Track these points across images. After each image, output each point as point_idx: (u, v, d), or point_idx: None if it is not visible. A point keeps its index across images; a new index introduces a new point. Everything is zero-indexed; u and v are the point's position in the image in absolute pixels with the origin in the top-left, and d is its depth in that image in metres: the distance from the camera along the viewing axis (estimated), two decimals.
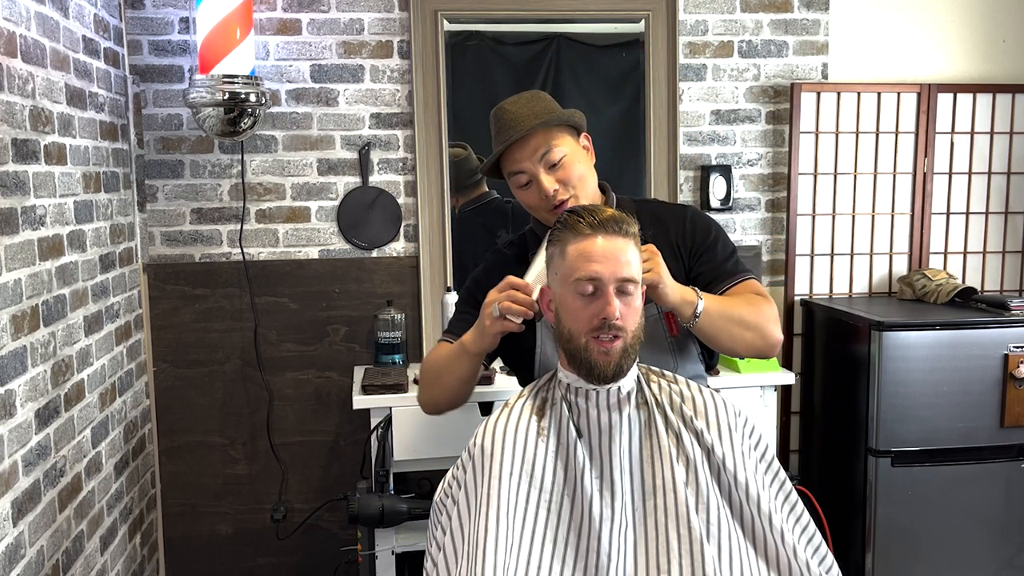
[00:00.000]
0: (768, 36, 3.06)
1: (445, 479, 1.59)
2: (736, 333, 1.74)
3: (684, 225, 1.88)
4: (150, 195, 2.85)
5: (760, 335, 1.76)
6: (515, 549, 1.40)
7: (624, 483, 1.47)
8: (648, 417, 1.53)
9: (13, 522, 1.80)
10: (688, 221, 1.89)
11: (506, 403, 1.60)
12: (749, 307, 1.77)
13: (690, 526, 1.42)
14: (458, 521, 1.49)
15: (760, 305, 1.78)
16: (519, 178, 1.81)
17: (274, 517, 2.85)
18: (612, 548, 1.41)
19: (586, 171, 1.83)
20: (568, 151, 1.80)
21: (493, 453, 1.48)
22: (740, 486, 1.48)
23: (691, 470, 1.48)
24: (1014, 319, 2.73)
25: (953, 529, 2.76)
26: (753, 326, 1.75)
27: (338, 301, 2.96)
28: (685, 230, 1.87)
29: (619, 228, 1.50)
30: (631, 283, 1.48)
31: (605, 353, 1.47)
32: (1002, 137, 3.16)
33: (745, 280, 1.85)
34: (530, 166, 1.79)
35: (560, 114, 1.81)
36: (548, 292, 1.57)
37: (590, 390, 1.53)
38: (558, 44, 3.00)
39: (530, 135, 1.77)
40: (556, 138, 1.79)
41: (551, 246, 1.56)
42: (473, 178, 2.96)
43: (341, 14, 2.87)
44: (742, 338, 1.75)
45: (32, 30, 1.96)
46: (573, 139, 1.83)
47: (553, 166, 1.78)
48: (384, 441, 2.54)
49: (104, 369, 2.41)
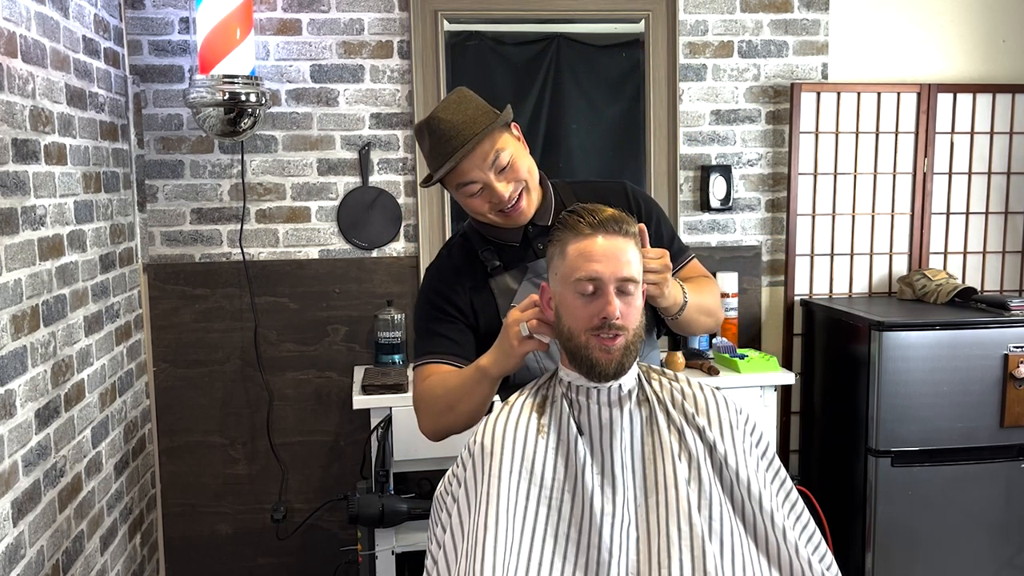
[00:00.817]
0: (768, 36, 3.06)
1: (446, 476, 1.59)
2: (701, 322, 1.81)
3: (627, 202, 1.85)
4: (150, 195, 2.85)
5: (716, 320, 1.86)
6: (515, 546, 1.40)
7: (625, 479, 1.47)
8: (649, 414, 1.53)
9: (13, 522, 1.80)
10: (630, 198, 1.87)
11: (506, 401, 1.59)
12: (708, 294, 1.83)
13: (692, 523, 1.42)
14: (458, 518, 1.48)
15: (713, 289, 1.87)
16: (470, 188, 1.74)
17: (274, 517, 2.85)
18: (613, 545, 1.41)
19: (530, 162, 1.79)
20: (512, 149, 1.74)
21: (493, 450, 1.48)
22: (742, 483, 1.48)
23: (693, 467, 1.48)
24: (1014, 319, 2.73)
25: (953, 529, 2.76)
26: (712, 311, 1.83)
27: (338, 301, 2.96)
28: (629, 207, 1.83)
29: (619, 228, 1.50)
30: (631, 283, 1.48)
31: (606, 351, 1.47)
32: (1002, 137, 3.16)
33: (691, 260, 1.92)
34: (481, 175, 1.72)
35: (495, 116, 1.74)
36: (548, 290, 1.57)
37: (591, 388, 1.52)
38: (558, 44, 3.00)
39: (475, 144, 1.70)
40: (499, 141, 1.73)
41: (551, 246, 1.56)
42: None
43: (341, 14, 2.87)
44: (704, 325, 1.82)
45: (32, 30, 1.96)
46: (509, 134, 1.77)
47: (503, 169, 1.73)
48: (384, 441, 2.54)
49: (104, 369, 2.42)
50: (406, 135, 2.93)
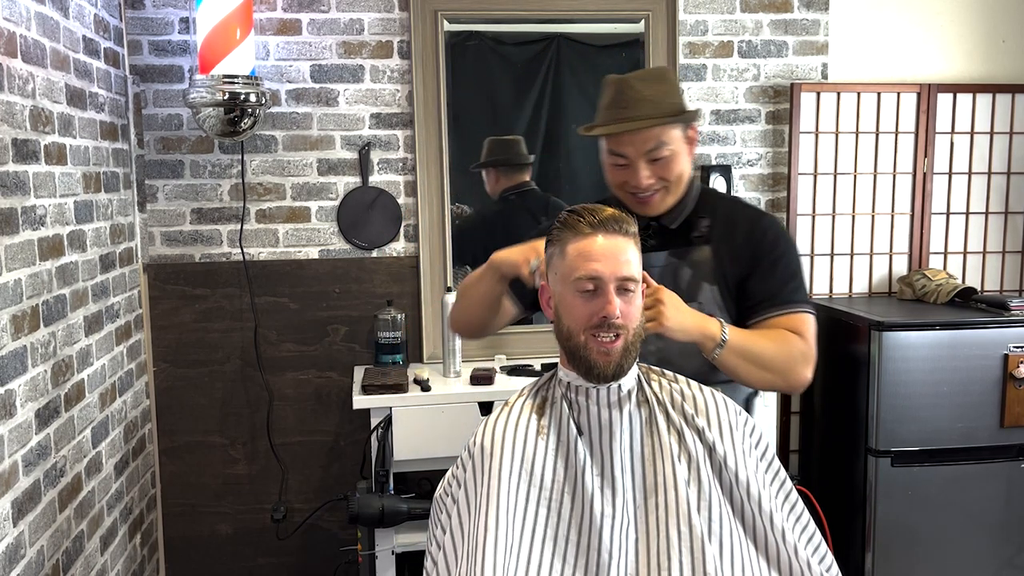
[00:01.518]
0: (768, 36, 3.06)
1: (445, 478, 1.59)
2: (754, 374, 1.70)
3: (754, 232, 1.81)
4: (150, 195, 2.85)
5: (782, 377, 1.72)
6: (515, 548, 1.40)
7: (625, 480, 1.47)
8: (649, 415, 1.53)
9: (13, 522, 1.80)
10: (759, 229, 1.81)
11: (506, 402, 1.59)
12: (775, 345, 1.71)
13: (691, 524, 1.42)
14: (458, 520, 1.48)
15: (790, 344, 1.72)
16: (618, 159, 1.76)
17: (274, 517, 2.85)
18: (613, 546, 1.41)
19: (685, 168, 1.79)
20: (674, 148, 1.75)
21: (493, 451, 1.48)
22: (741, 484, 1.48)
23: (693, 468, 1.48)
24: (1014, 319, 2.73)
25: (953, 529, 2.76)
26: (775, 368, 1.70)
27: (338, 301, 2.96)
28: (753, 237, 1.80)
29: (619, 227, 1.50)
30: (631, 282, 1.48)
31: (605, 353, 1.46)
32: (1002, 137, 3.16)
33: (794, 314, 1.76)
34: (633, 154, 1.74)
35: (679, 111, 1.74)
36: (547, 289, 1.57)
37: (590, 388, 1.52)
38: (558, 44, 3.00)
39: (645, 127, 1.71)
40: (667, 134, 1.74)
41: (550, 246, 1.56)
42: (523, 162, 3.01)
43: (341, 14, 2.87)
44: (760, 378, 1.71)
45: (32, 30, 1.96)
46: (682, 134, 1.77)
47: (656, 160, 1.74)
48: (384, 441, 2.54)
49: (104, 369, 2.41)
50: (406, 135, 2.93)
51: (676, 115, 1.74)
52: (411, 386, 2.61)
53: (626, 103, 1.73)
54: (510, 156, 3.01)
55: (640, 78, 1.77)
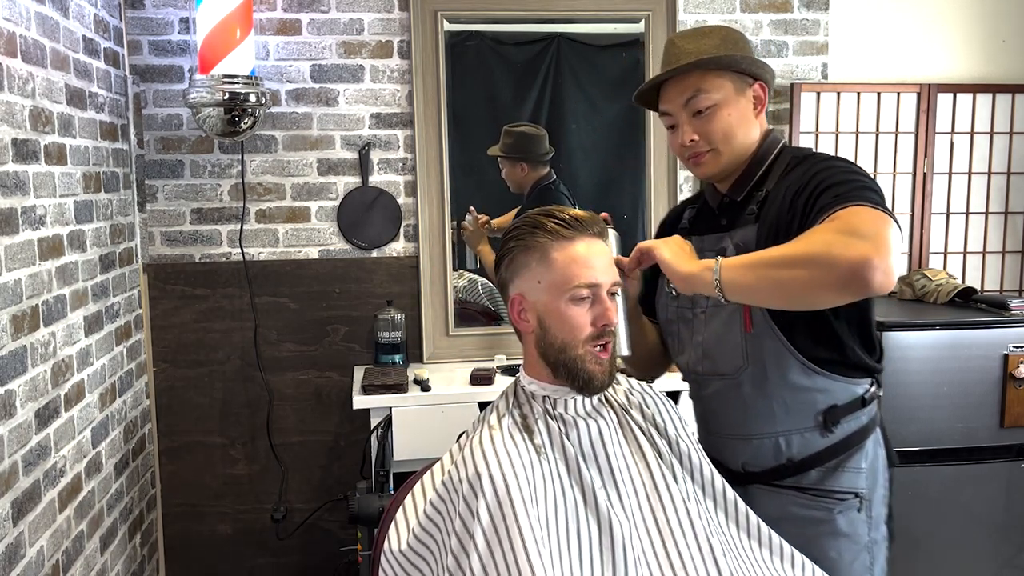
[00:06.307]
0: (768, 36, 3.06)
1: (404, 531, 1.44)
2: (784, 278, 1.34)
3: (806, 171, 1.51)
4: (150, 195, 2.85)
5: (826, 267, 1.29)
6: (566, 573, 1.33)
7: (626, 487, 1.45)
8: (618, 418, 1.52)
9: (13, 522, 1.80)
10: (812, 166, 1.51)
11: (487, 424, 1.45)
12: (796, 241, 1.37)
13: (690, 517, 1.43)
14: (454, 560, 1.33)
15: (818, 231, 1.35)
16: (666, 119, 1.62)
17: (274, 517, 2.85)
18: (636, 554, 1.38)
19: (737, 126, 1.56)
20: (720, 99, 1.54)
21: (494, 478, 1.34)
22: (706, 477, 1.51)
23: (665, 464, 1.48)
24: (1014, 319, 2.73)
25: (953, 529, 2.76)
26: (806, 260, 1.31)
27: (338, 301, 2.96)
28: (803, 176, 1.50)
29: (598, 230, 1.44)
30: (618, 285, 1.47)
31: (599, 363, 1.42)
32: (1002, 137, 3.16)
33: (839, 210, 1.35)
34: (674, 108, 1.58)
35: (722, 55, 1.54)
36: (520, 301, 1.45)
37: (568, 399, 1.46)
38: (558, 44, 3.00)
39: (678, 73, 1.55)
40: (710, 82, 1.54)
41: (524, 253, 1.43)
42: (544, 157, 3.01)
43: (341, 14, 2.87)
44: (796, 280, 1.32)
45: (32, 30, 1.96)
46: (735, 86, 1.56)
47: (698, 113, 1.56)
48: (384, 441, 2.54)
49: (104, 369, 2.41)
50: (406, 135, 2.93)
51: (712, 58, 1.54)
52: (411, 386, 2.61)
53: (667, 61, 1.61)
54: (534, 154, 3.01)
55: (683, 35, 1.61)
